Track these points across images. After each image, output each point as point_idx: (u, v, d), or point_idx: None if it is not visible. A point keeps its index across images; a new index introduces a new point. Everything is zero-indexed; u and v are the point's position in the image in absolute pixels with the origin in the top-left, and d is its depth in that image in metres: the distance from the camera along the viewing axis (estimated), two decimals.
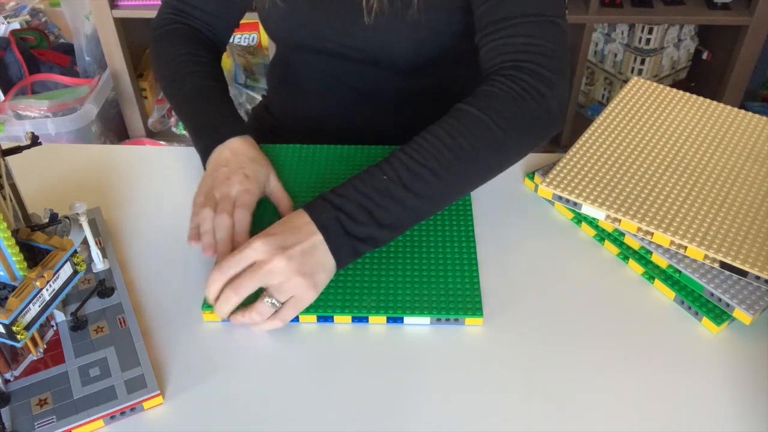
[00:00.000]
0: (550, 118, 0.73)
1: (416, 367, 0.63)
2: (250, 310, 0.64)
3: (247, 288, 0.62)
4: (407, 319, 0.66)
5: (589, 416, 0.59)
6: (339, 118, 0.96)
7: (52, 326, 0.64)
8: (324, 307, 0.66)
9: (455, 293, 0.67)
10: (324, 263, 0.64)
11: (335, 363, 0.63)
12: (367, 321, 0.66)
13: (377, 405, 0.59)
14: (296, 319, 0.66)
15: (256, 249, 0.63)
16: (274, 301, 0.63)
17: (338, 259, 0.65)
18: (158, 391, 0.59)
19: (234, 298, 0.62)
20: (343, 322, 0.66)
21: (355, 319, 0.66)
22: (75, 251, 0.59)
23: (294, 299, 0.64)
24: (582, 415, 0.59)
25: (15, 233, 0.57)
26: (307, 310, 0.65)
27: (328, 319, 0.66)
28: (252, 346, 0.64)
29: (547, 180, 0.75)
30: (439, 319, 0.66)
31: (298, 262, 0.63)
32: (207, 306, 0.66)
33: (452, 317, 0.65)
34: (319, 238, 0.64)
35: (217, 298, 0.64)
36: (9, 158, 0.65)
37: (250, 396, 0.60)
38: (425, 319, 0.66)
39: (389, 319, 0.66)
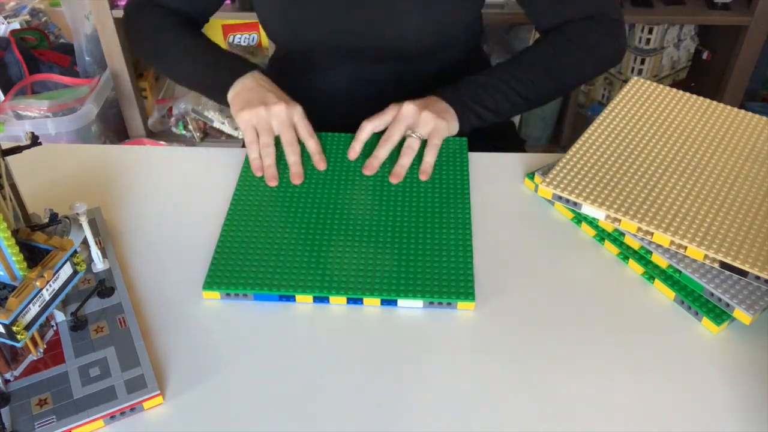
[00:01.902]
0: (620, 50, 0.92)
1: (408, 350, 0.64)
2: (402, 155, 0.80)
3: (395, 134, 0.81)
4: (401, 302, 0.67)
5: (587, 416, 0.59)
6: (339, 113, 0.97)
7: (52, 326, 0.64)
8: (320, 288, 0.67)
9: (449, 278, 0.68)
10: (448, 109, 0.83)
11: (334, 358, 0.63)
12: (362, 303, 0.67)
13: (372, 393, 0.60)
14: (293, 299, 0.68)
15: (391, 108, 0.82)
16: (417, 134, 0.80)
17: (458, 112, 0.83)
18: (158, 391, 0.59)
19: (388, 146, 0.80)
20: (338, 302, 0.67)
21: (350, 301, 0.67)
22: (75, 251, 0.59)
23: (433, 130, 0.81)
24: (580, 415, 0.59)
25: (15, 233, 0.57)
26: (304, 290, 0.67)
27: (324, 299, 0.67)
28: (252, 346, 0.65)
29: (547, 180, 0.75)
30: (431, 303, 0.67)
31: (423, 104, 0.82)
32: (207, 286, 0.68)
33: (445, 301, 0.67)
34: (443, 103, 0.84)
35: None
36: (9, 158, 0.65)
37: (250, 396, 0.60)
38: (418, 303, 0.67)
39: (383, 302, 0.67)
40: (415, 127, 0.81)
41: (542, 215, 0.78)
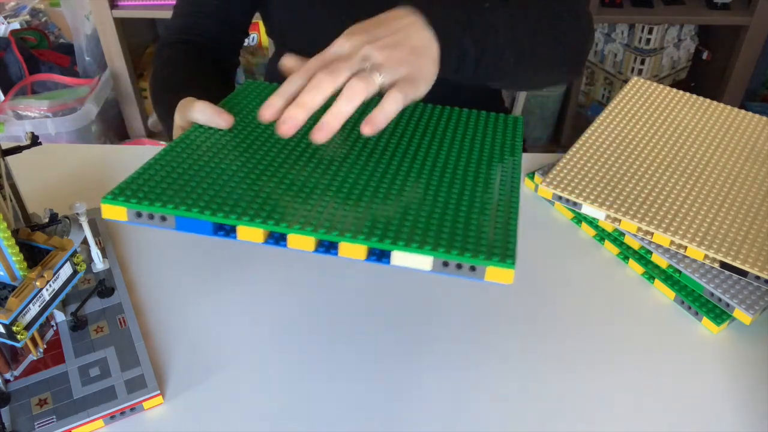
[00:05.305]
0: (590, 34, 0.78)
1: (413, 363, 0.63)
2: (354, 83, 0.50)
3: (342, 72, 0.51)
4: (398, 257, 0.45)
5: (588, 416, 0.59)
6: None
7: (52, 326, 0.64)
8: (274, 216, 0.45)
9: (478, 229, 0.48)
10: (422, 45, 0.55)
11: (336, 360, 0.63)
12: (336, 252, 0.45)
13: (378, 406, 0.60)
14: (233, 232, 0.46)
15: (341, 45, 0.54)
16: (379, 77, 0.52)
17: (439, 33, 0.56)
18: (158, 391, 0.59)
19: (328, 82, 0.51)
20: (301, 245, 0.45)
21: (321, 247, 0.45)
22: (75, 251, 0.59)
23: (404, 79, 0.53)
24: (581, 415, 0.59)
25: (15, 233, 0.57)
26: (251, 218, 0.45)
27: (281, 240, 0.45)
28: (252, 346, 0.65)
29: (547, 180, 0.75)
30: (446, 264, 0.45)
31: (392, 49, 0.54)
32: (108, 198, 0.46)
33: (468, 261, 0.45)
34: (413, 18, 0.56)
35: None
36: (9, 158, 0.65)
37: (250, 396, 0.60)
38: (425, 260, 0.45)
39: (372, 255, 0.45)
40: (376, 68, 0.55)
41: (542, 215, 0.78)
